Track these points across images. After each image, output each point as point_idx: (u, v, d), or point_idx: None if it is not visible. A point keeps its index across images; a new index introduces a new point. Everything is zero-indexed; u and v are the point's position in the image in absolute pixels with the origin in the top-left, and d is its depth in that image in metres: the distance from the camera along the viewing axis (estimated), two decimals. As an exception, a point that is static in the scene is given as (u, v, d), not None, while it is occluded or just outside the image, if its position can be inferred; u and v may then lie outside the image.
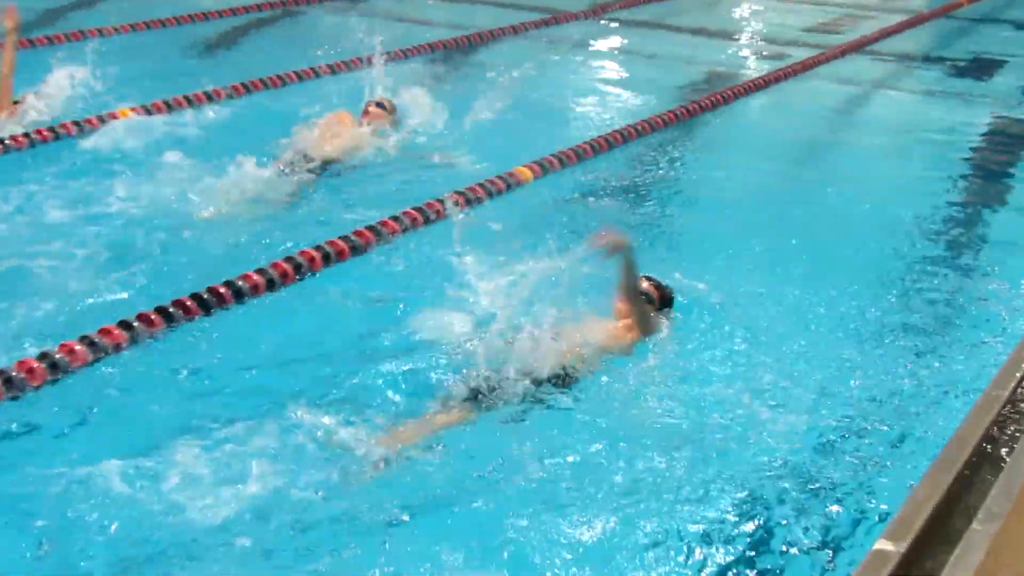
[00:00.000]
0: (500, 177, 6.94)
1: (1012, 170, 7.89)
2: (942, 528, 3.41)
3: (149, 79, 8.63)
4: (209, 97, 8.41)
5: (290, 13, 12.39)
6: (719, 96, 9.20)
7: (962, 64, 11.51)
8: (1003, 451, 3.64)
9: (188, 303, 4.98)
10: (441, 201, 6.34)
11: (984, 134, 8.79)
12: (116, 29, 10.46)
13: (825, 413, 4.51)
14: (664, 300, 4.99)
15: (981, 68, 11.31)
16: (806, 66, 10.60)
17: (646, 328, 4.79)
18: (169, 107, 8.11)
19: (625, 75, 10.39)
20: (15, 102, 7.48)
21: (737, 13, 14.54)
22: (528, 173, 7.10)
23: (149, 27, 10.82)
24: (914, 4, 14.89)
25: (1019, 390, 4.00)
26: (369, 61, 8.68)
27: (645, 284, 4.91)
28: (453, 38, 11.10)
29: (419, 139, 7.74)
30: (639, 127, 8.18)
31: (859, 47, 11.77)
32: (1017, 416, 3.85)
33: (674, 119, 8.52)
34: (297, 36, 11.49)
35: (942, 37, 13.23)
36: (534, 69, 9.64)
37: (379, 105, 7.94)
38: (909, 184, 7.46)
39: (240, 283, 5.21)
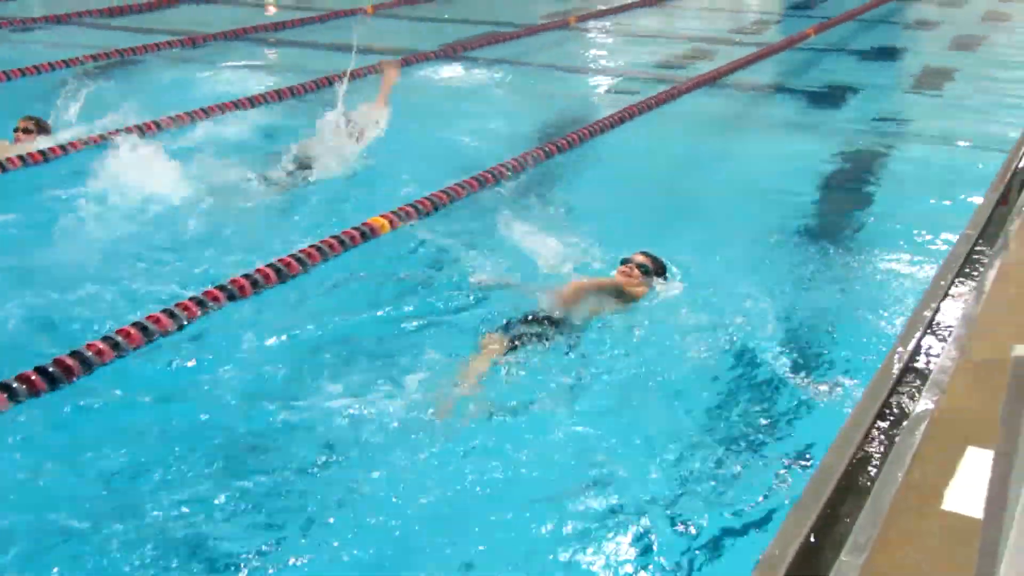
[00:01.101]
0: (355, 228, 6.73)
1: (862, 199, 8.13)
2: (812, 562, 3.39)
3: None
4: (63, 149, 8.09)
5: (128, 63, 11.90)
6: (576, 136, 9.23)
7: (811, 93, 11.95)
8: (866, 482, 3.67)
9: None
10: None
11: (834, 162, 9.06)
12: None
13: (688, 448, 4.49)
14: (658, 269, 5.86)
15: (830, 97, 11.77)
16: (660, 100, 10.80)
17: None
18: (24, 160, 7.78)
19: (481, 116, 10.31)
20: None
21: (590, 50, 14.79)
22: (384, 223, 6.92)
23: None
24: (764, 37, 15.44)
25: (879, 423, 4.07)
26: (214, 111, 8.41)
27: (640, 257, 5.77)
28: (301, 84, 10.85)
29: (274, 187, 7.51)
30: (496, 171, 8.09)
31: (711, 80, 12.07)
32: (877, 447, 3.90)
33: (531, 161, 8.47)
34: (135, 87, 11.00)
35: (791, 68, 13.72)
36: (389, 113, 9.45)
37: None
38: (763, 215, 7.60)
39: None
